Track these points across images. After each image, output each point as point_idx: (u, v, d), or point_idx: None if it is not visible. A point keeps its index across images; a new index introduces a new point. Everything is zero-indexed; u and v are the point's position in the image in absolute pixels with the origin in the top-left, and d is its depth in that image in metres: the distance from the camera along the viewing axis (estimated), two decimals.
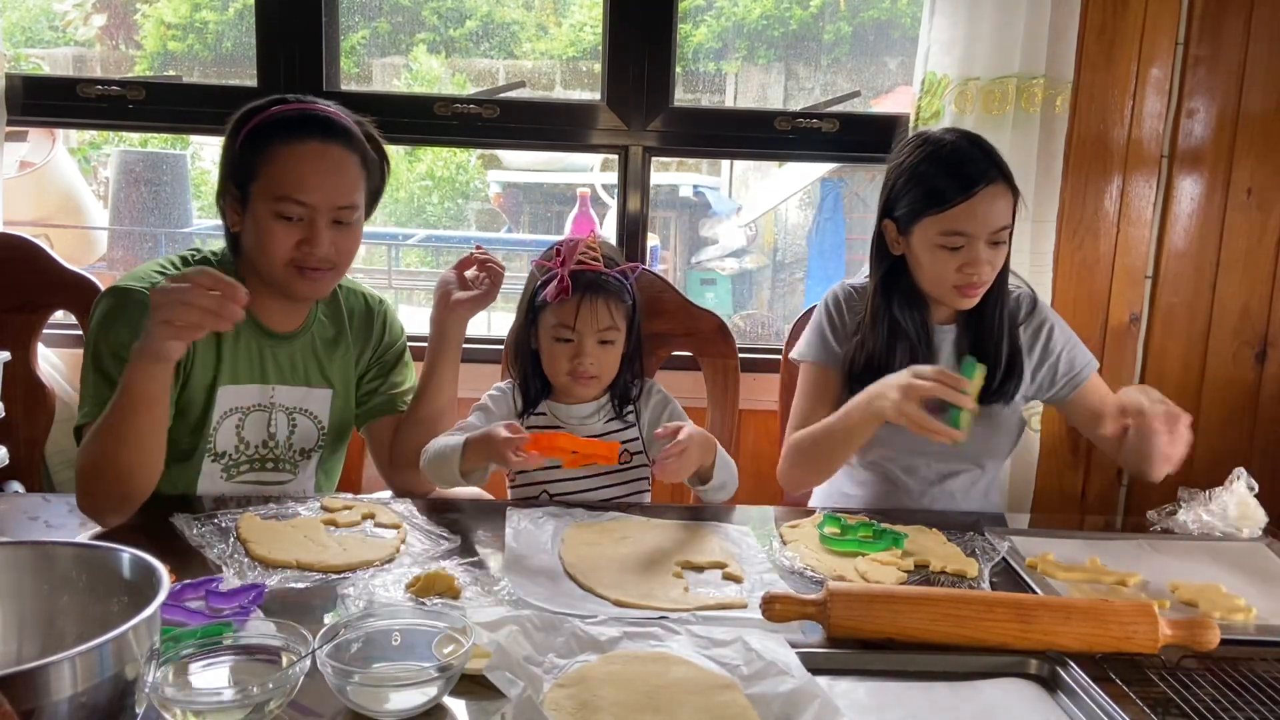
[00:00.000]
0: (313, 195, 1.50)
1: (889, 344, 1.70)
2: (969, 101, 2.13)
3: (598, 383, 1.65)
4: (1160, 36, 2.24)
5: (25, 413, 1.91)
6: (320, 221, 1.51)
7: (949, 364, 1.73)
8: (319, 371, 1.67)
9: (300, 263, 1.52)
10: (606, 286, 1.61)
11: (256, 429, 1.62)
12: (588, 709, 0.97)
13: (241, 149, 1.52)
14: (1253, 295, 2.33)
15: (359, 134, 1.57)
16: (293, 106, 1.55)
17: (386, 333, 1.76)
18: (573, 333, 1.60)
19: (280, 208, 1.50)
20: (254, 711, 0.90)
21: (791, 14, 3.85)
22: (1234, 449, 2.34)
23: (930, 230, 1.63)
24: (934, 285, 1.68)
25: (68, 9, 4.02)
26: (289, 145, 1.50)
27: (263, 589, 1.17)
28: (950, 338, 1.76)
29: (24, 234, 2.02)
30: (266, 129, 1.52)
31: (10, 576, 0.97)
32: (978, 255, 1.62)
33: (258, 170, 1.51)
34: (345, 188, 1.53)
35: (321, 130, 1.53)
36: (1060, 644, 1.13)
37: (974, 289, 1.65)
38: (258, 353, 1.61)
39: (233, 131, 1.55)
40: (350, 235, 1.56)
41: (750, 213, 4.87)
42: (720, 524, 1.52)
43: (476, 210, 5.15)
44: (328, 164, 1.52)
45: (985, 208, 1.60)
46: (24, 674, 0.76)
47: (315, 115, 1.54)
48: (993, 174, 1.61)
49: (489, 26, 3.78)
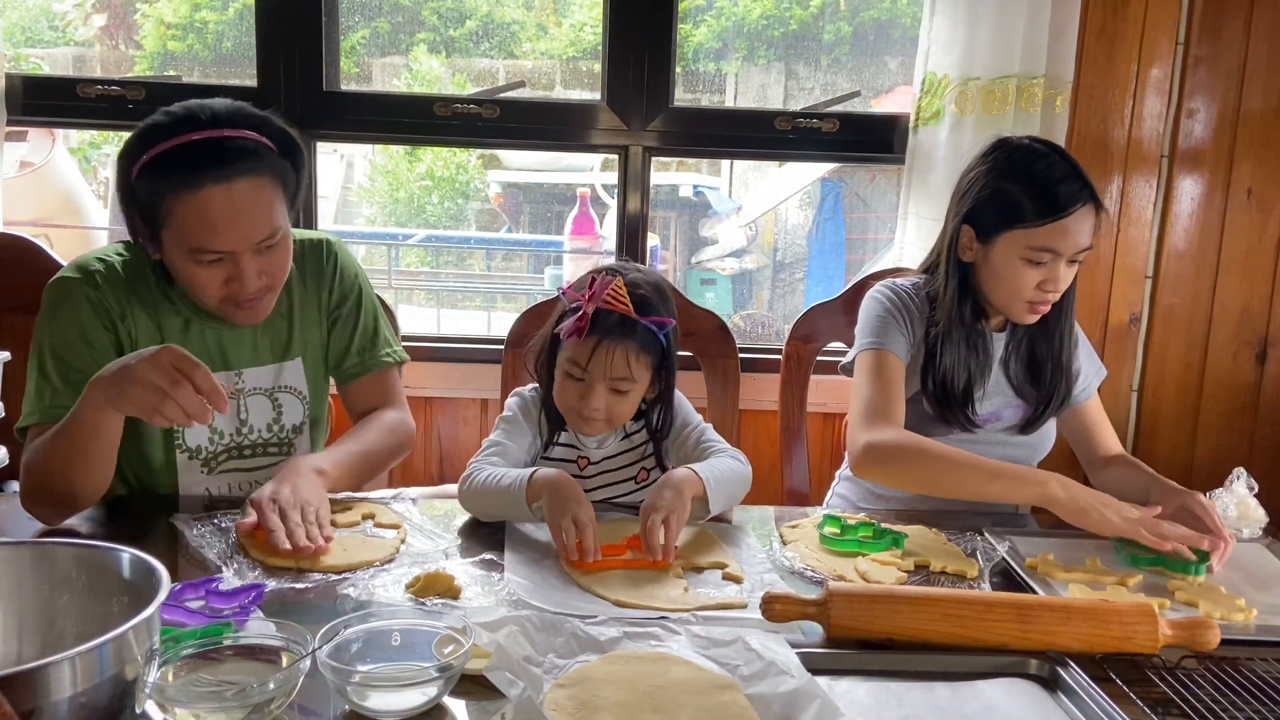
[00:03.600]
0: (226, 242, 1.37)
1: (965, 353, 1.68)
2: (969, 101, 2.13)
3: (605, 425, 1.56)
4: (1160, 36, 2.24)
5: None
6: (244, 259, 1.39)
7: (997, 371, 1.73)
8: (284, 342, 1.58)
9: (233, 298, 1.43)
10: (630, 334, 1.47)
11: (226, 419, 1.54)
12: (588, 709, 0.97)
13: (137, 186, 1.38)
14: (1253, 295, 2.33)
15: (259, 144, 1.40)
16: (179, 140, 1.36)
17: (339, 278, 1.63)
18: (584, 373, 1.50)
19: (197, 258, 1.38)
20: (254, 711, 0.89)
21: (791, 14, 3.85)
22: (1234, 449, 2.34)
23: (1017, 244, 1.61)
24: (1009, 297, 1.66)
25: (68, 9, 4.02)
26: (186, 194, 1.34)
27: (263, 589, 1.17)
28: (1000, 344, 1.75)
29: (24, 234, 2.01)
30: (155, 170, 1.36)
31: (10, 576, 0.97)
32: (1059, 273, 1.62)
33: (161, 218, 1.37)
34: (260, 220, 1.39)
35: (215, 165, 1.35)
36: (1060, 644, 1.13)
37: (1046, 305, 1.65)
38: (214, 340, 1.52)
39: (123, 164, 1.40)
40: (279, 255, 1.45)
41: (750, 213, 4.87)
42: (719, 523, 1.52)
43: (476, 210, 5.15)
44: (236, 207, 1.36)
45: (1077, 227, 1.59)
46: (24, 674, 0.76)
47: (205, 148, 1.36)
48: (1086, 194, 1.60)
49: (489, 26, 3.79)
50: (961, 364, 1.69)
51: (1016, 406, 1.76)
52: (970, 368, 1.69)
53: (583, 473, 1.63)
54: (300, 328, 1.61)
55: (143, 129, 1.40)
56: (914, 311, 1.72)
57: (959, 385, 1.68)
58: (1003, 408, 1.75)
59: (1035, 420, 1.75)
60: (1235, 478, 1.61)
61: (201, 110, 1.39)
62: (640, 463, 1.65)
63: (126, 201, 1.42)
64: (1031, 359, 1.74)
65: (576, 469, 1.63)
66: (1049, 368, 1.73)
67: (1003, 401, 1.75)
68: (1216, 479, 1.64)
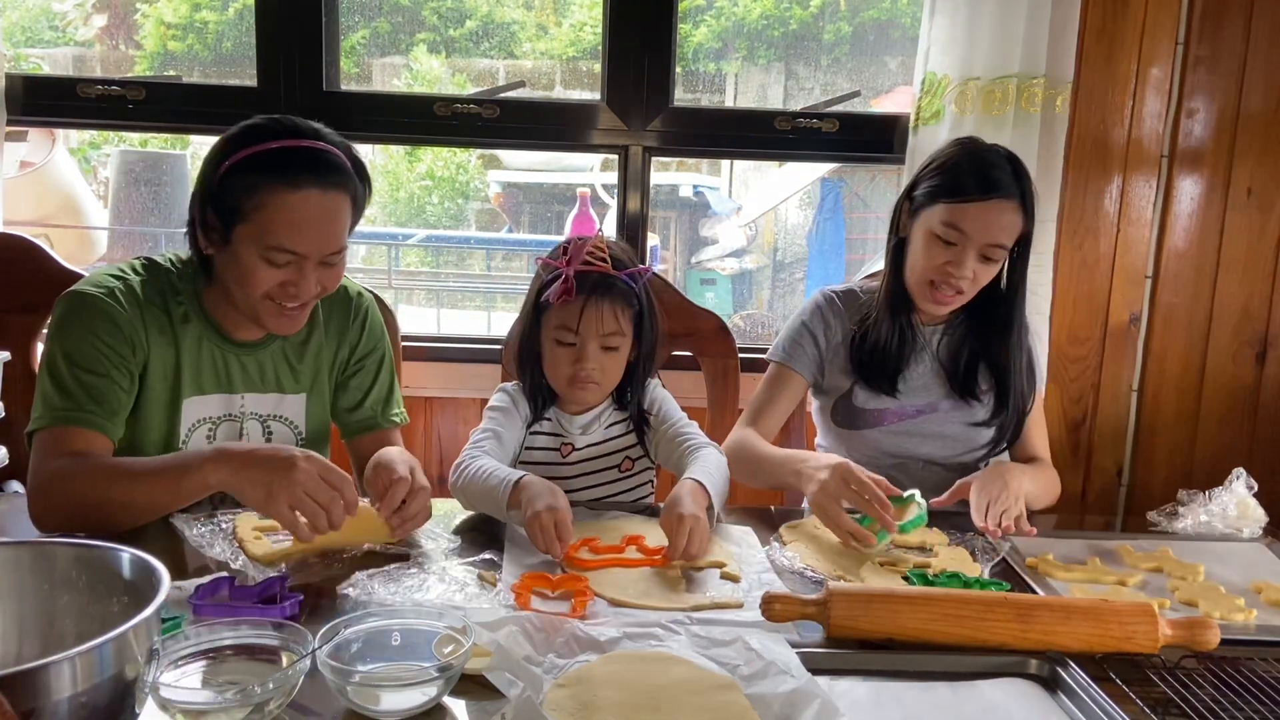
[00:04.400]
0: (306, 245, 1.41)
1: (889, 328, 1.73)
2: (969, 101, 2.13)
3: (599, 389, 1.61)
4: (1160, 36, 2.24)
5: (25, 413, 1.90)
6: (308, 266, 1.43)
7: (931, 371, 1.75)
8: (291, 377, 1.60)
9: (280, 299, 1.45)
10: (613, 289, 1.55)
11: (228, 438, 1.56)
12: (588, 709, 0.97)
13: (226, 180, 1.41)
14: (1253, 295, 2.33)
15: (349, 167, 1.46)
16: (286, 143, 1.42)
17: (365, 334, 1.66)
18: (575, 336, 1.55)
19: (269, 255, 1.41)
20: (254, 711, 0.89)
21: (791, 14, 3.86)
22: (1234, 449, 2.34)
23: (935, 218, 1.65)
24: (914, 273, 1.70)
25: (68, 9, 4.03)
26: (284, 192, 1.39)
27: (286, 580, 1.20)
28: (934, 336, 1.78)
29: (24, 234, 2.01)
30: (255, 165, 1.40)
31: (10, 576, 0.97)
32: (965, 259, 1.63)
33: (245, 212, 1.40)
34: (337, 234, 1.45)
35: (318, 172, 1.41)
36: (1060, 644, 1.13)
37: (948, 293, 1.66)
38: (222, 362, 1.54)
39: (216, 158, 1.43)
40: (336, 272, 1.49)
41: (750, 213, 4.88)
42: (719, 523, 1.52)
43: (476, 210, 5.16)
44: (324, 213, 1.42)
45: (992, 216, 1.61)
46: (24, 674, 0.76)
47: (311, 154, 1.42)
48: (1013, 191, 1.62)
49: (489, 26, 3.78)
50: (885, 336, 1.73)
51: (954, 401, 1.77)
52: (892, 342, 1.73)
53: (566, 459, 1.64)
54: (311, 365, 1.62)
55: (244, 128, 1.44)
56: (841, 312, 1.80)
57: (882, 351, 1.73)
58: (940, 399, 1.77)
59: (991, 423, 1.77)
60: (1235, 478, 1.62)
61: (302, 122, 1.46)
62: (624, 452, 1.67)
63: (208, 190, 1.43)
64: (971, 358, 1.76)
65: (560, 456, 1.64)
66: (981, 369, 1.75)
67: (941, 393, 1.77)
68: (1216, 479, 1.64)
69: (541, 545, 1.32)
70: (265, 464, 1.26)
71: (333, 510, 1.25)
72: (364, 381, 1.66)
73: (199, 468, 1.30)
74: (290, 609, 1.13)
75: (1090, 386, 2.37)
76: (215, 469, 1.29)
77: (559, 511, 1.33)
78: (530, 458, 1.65)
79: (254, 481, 1.26)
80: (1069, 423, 2.38)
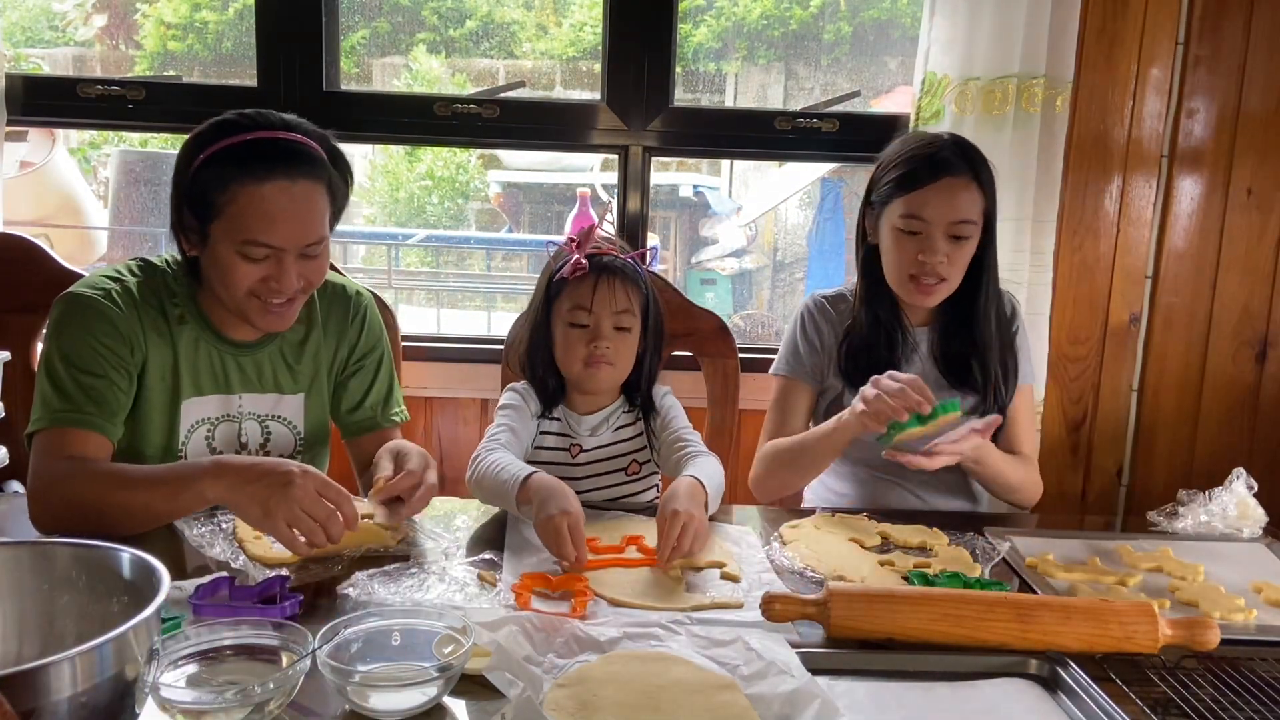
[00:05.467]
0: (280, 238, 1.40)
1: (873, 331, 1.73)
2: (969, 101, 2.13)
3: (613, 371, 1.61)
4: (1160, 36, 2.24)
5: (25, 413, 1.90)
6: (287, 259, 1.42)
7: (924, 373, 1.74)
8: (289, 377, 1.59)
9: (264, 295, 1.44)
10: (622, 270, 1.60)
11: (227, 439, 1.56)
12: (588, 709, 0.97)
13: (196, 179, 1.40)
14: (1253, 295, 2.33)
15: (324, 156, 1.45)
16: (254, 135, 1.40)
17: (364, 334, 1.65)
18: (589, 315, 1.58)
19: (245, 250, 1.40)
20: (254, 711, 0.90)
21: (791, 14, 3.85)
22: (1234, 449, 2.34)
23: (895, 213, 1.66)
24: (893, 273, 1.70)
25: (68, 9, 4.03)
26: (251, 185, 1.38)
27: (287, 580, 1.20)
28: (924, 339, 1.77)
29: (24, 234, 2.01)
30: (224, 160, 1.39)
31: (10, 576, 0.97)
32: (934, 244, 1.63)
33: (218, 208, 1.39)
34: (313, 224, 1.43)
35: (286, 163, 1.40)
36: (1060, 644, 1.13)
37: (930, 282, 1.66)
38: (219, 362, 1.53)
39: (188, 155, 1.43)
40: (318, 264, 1.48)
41: (750, 213, 4.88)
42: (719, 523, 1.52)
43: (476, 210, 5.15)
44: (295, 202, 1.41)
45: (947, 196, 1.62)
46: (24, 674, 0.76)
47: (278, 145, 1.41)
48: (961, 166, 1.64)
49: (489, 26, 3.78)
50: (872, 340, 1.73)
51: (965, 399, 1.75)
52: (880, 346, 1.72)
53: (575, 460, 1.64)
54: (309, 365, 1.61)
55: (214, 123, 1.44)
56: (831, 315, 1.80)
57: (872, 355, 1.71)
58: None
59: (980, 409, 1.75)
60: (1235, 477, 1.62)
61: (273, 114, 1.45)
62: (632, 455, 1.67)
63: (181, 190, 1.44)
64: (959, 353, 1.75)
65: (569, 457, 1.65)
66: (973, 360, 1.74)
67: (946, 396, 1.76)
68: (1216, 479, 1.64)
69: (554, 549, 1.31)
70: (262, 480, 1.25)
71: (330, 526, 1.24)
72: (364, 381, 1.66)
73: (197, 481, 1.29)
74: (290, 609, 1.13)
75: (1090, 386, 2.37)
76: (213, 484, 1.28)
77: (571, 515, 1.32)
78: (539, 458, 1.65)
79: (251, 498, 1.25)
80: (1069, 423, 2.38)
